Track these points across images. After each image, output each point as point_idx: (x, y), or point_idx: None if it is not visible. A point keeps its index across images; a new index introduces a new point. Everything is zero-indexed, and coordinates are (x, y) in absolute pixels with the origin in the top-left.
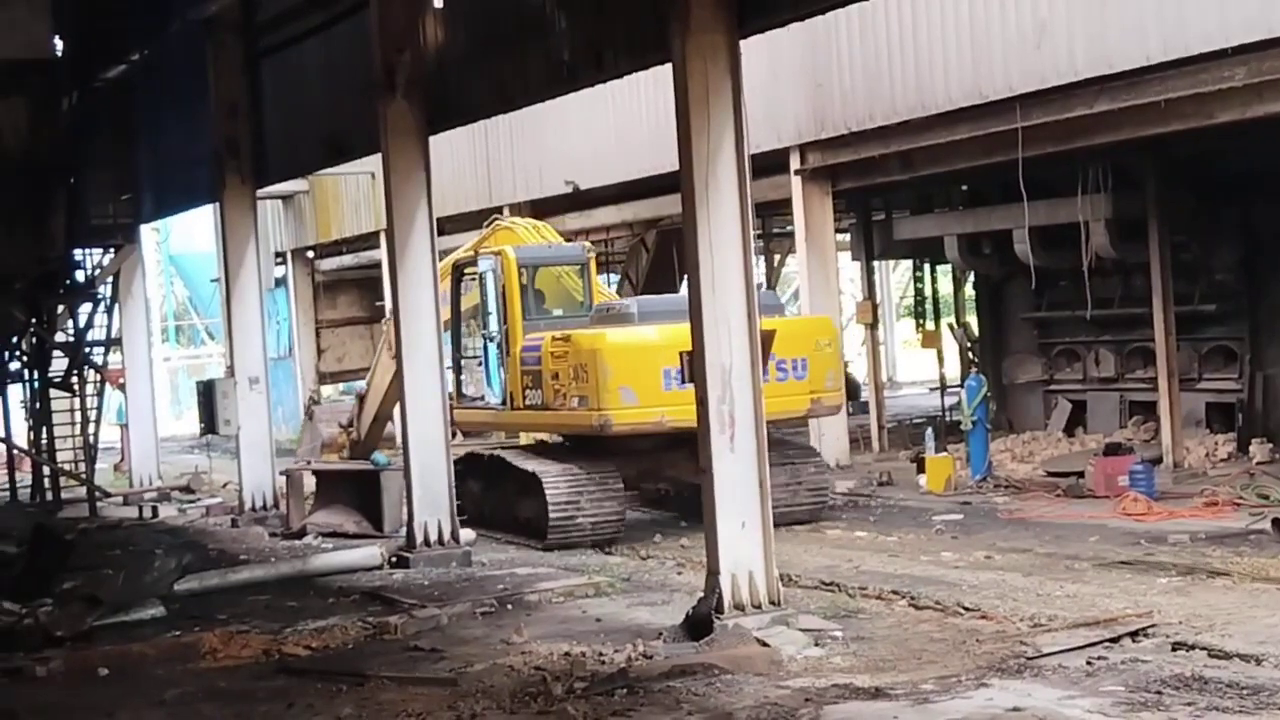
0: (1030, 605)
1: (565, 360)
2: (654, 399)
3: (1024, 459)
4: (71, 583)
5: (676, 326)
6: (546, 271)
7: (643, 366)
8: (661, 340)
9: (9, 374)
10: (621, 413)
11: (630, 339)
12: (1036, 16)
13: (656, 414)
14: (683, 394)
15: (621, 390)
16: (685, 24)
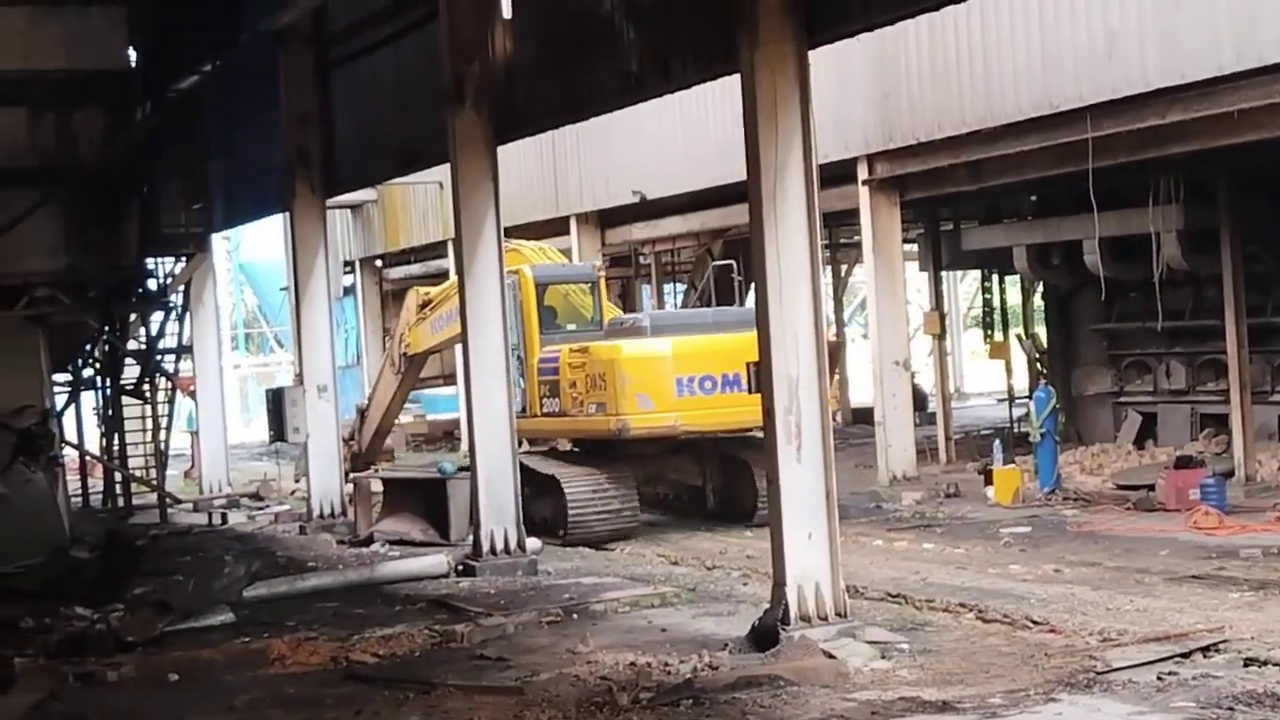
0: (1100, 619)
1: (583, 370)
2: (667, 405)
3: (1093, 471)
4: (143, 589)
5: (686, 338)
6: (557, 289)
7: (657, 375)
8: (673, 351)
9: (83, 381)
10: (638, 418)
11: (645, 350)
12: (1108, 26)
13: (670, 419)
14: (693, 400)
15: (638, 397)
16: (753, 35)
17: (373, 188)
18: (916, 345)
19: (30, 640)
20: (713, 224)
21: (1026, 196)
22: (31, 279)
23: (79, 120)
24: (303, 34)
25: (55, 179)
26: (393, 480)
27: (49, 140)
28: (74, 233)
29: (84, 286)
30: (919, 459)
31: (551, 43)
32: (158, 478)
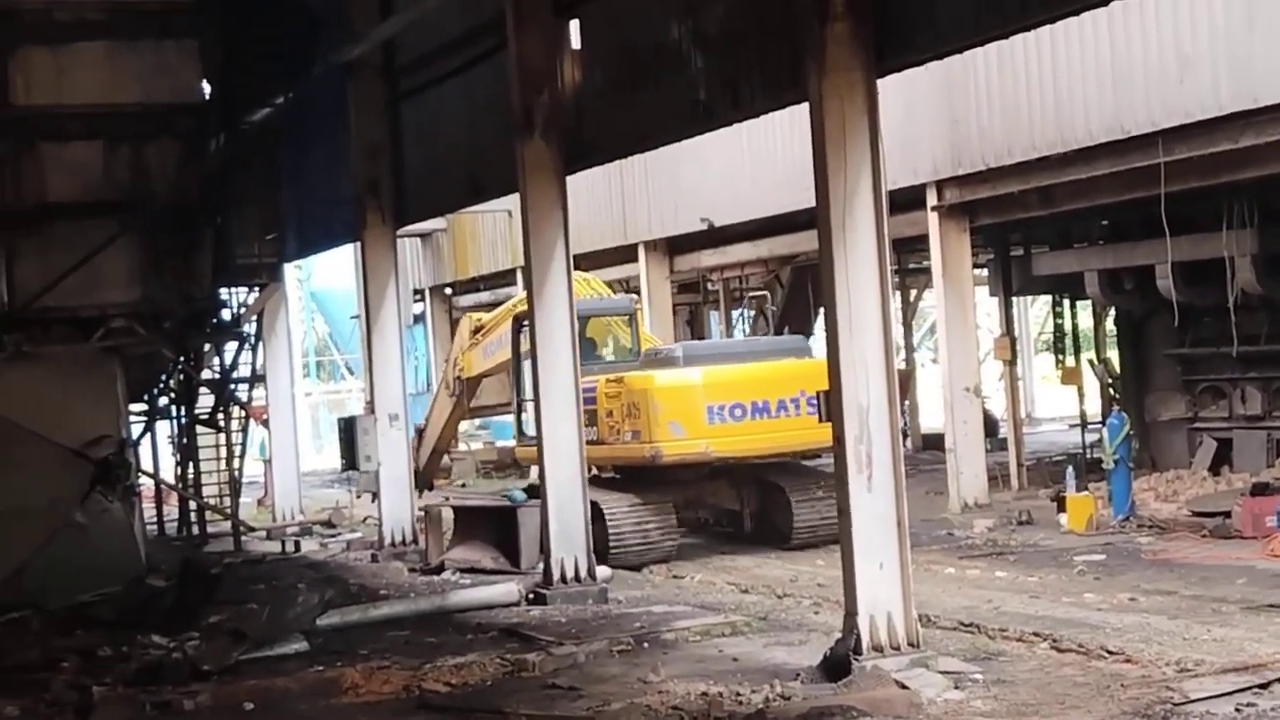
0: (1176, 649)
1: (619, 399)
2: (699, 432)
3: (1168, 498)
4: (218, 617)
5: (717, 368)
6: (597, 321)
7: (688, 404)
8: (704, 380)
9: (158, 410)
10: (671, 444)
11: (677, 380)
12: (1179, 50)
13: (701, 445)
14: (724, 427)
15: (670, 425)
16: (822, 63)
17: (442, 217)
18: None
19: (108, 669)
20: (781, 250)
21: (1098, 221)
22: (108, 310)
23: (154, 153)
24: (373, 65)
25: (130, 211)
26: (463, 508)
27: (124, 173)
28: (149, 264)
29: (159, 317)
30: (990, 486)
31: (620, 72)
32: (231, 506)
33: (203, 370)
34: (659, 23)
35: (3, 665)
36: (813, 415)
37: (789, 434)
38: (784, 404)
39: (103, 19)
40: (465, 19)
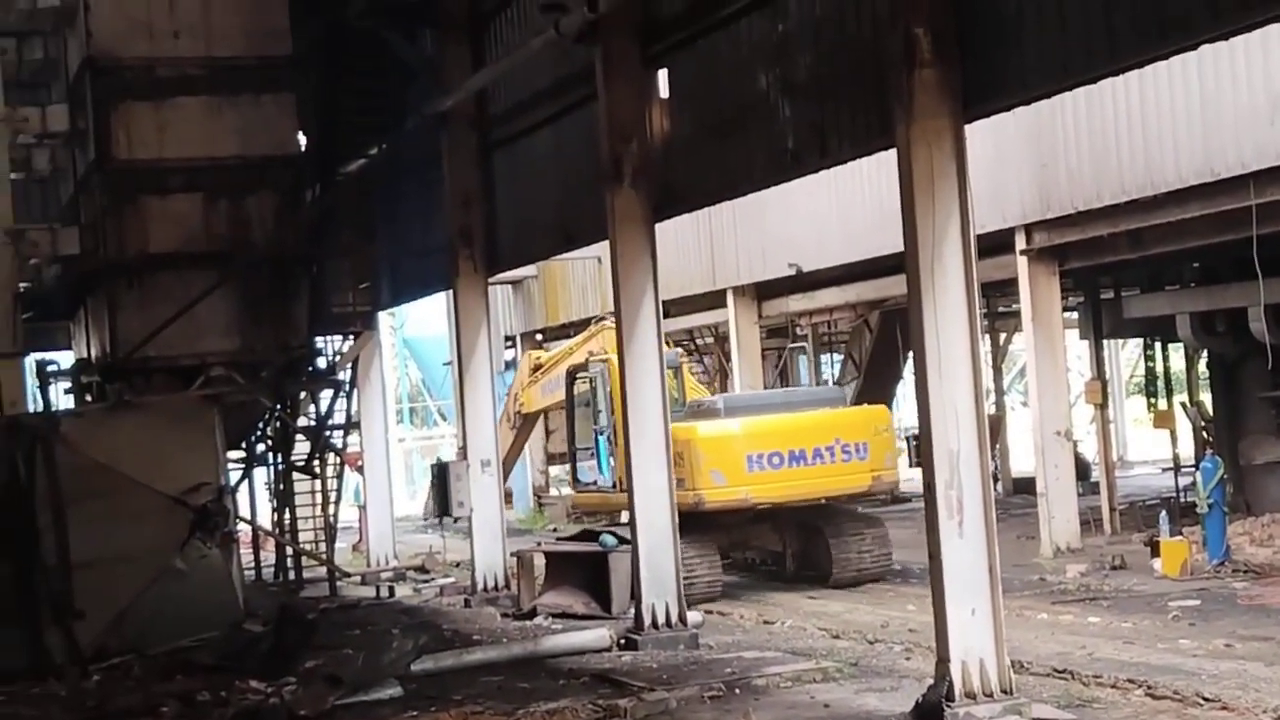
0: (1274, 697)
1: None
2: (739, 480)
3: (1264, 543)
4: (314, 662)
5: (757, 419)
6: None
7: (729, 453)
8: (744, 431)
9: (255, 457)
10: (712, 492)
11: (718, 430)
12: (1269, 91)
13: (741, 493)
14: (763, 475)
15: (712, 473)
16: (909, 110)
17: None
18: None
19: (207, 714)
20: (869, 295)
21: (1189, 263)
22: (207, 359)
23: (252, 205)
24: (466, 116)
25: (229, 262)
26: (554, 553)
27: (223, 224)
28: (247, 314)
29: (257, 366)
30: (1083, 530)
31: (708, 121)
32: (327, 551)
33: (299, 417)
34: (747, 72)
35: (104, 711)
36: (847, 461)
37: (826, 480)
38: (819, 451)
39: (202, 74)
40: (555, 70)
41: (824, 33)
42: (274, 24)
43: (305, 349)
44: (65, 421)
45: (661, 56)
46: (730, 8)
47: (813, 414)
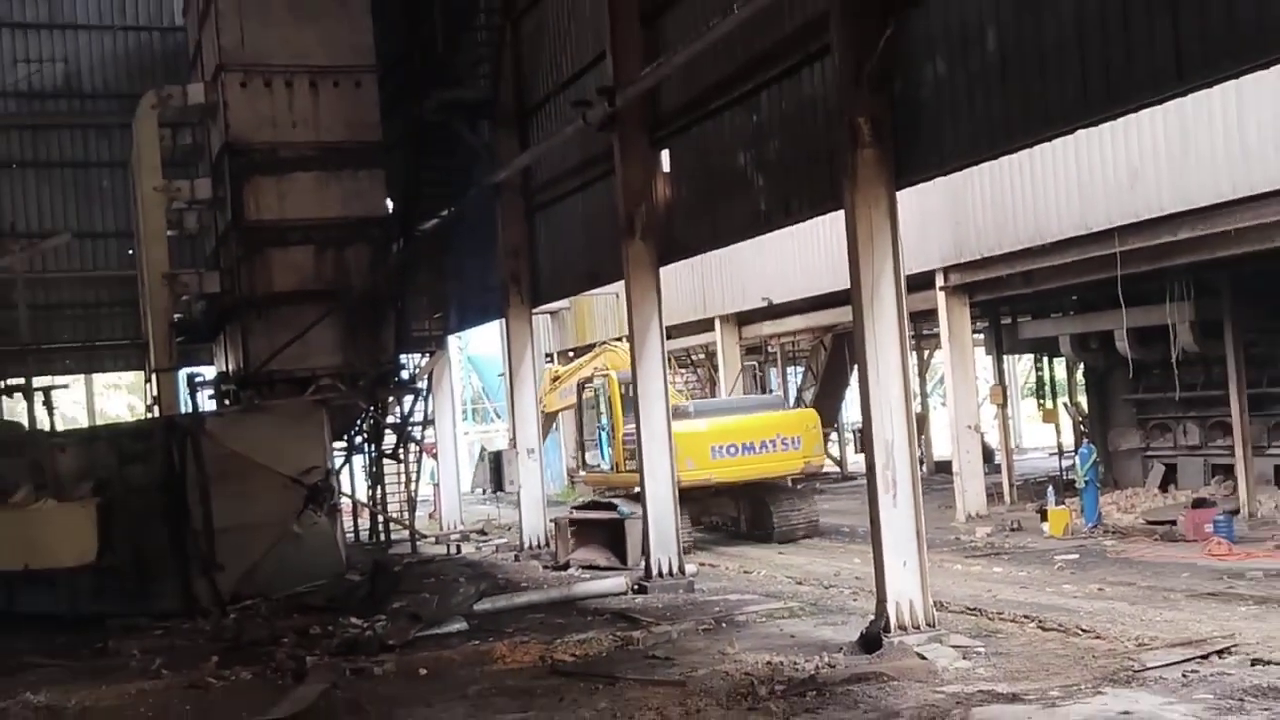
0: (1135, 628)
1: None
2: (705, 465)
3: (1127, 510)
4: (399, 604)
5: (718, 419)
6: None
7: (698, 445)
8: (708, 428)
9: (354, 447)
10: (685, 474)
11: (689, 428)
12: (1130, 164)
13: (707, 474)
14: (723, 461)
15: (686, 460)
16: (854, 181)
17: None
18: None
19: (318, 643)
20: (824, 321)
21: (1069, 296)
22: (318, 372)
23: (351, 254)
24: (514, 186)
25: (334, 298)
26: (583, 520)
27: (329, 270)
28: (347, 337)
29: (355, 377)
30: (988, 501)
31: (700, 190)
32: (409, 518)
33: (387, 416)
34: (729, 153)
35: (239, 641)
36: (785, 450)
37: (769, 464)
38: (765, 443)
39: (314, 155)
40: (583, 150)
41: (789, 123)
42: (368, 117)
43: (392, 364)
44: (209, 420)
45: (664, 140)
46: (716, 103)
47: (760, 415)
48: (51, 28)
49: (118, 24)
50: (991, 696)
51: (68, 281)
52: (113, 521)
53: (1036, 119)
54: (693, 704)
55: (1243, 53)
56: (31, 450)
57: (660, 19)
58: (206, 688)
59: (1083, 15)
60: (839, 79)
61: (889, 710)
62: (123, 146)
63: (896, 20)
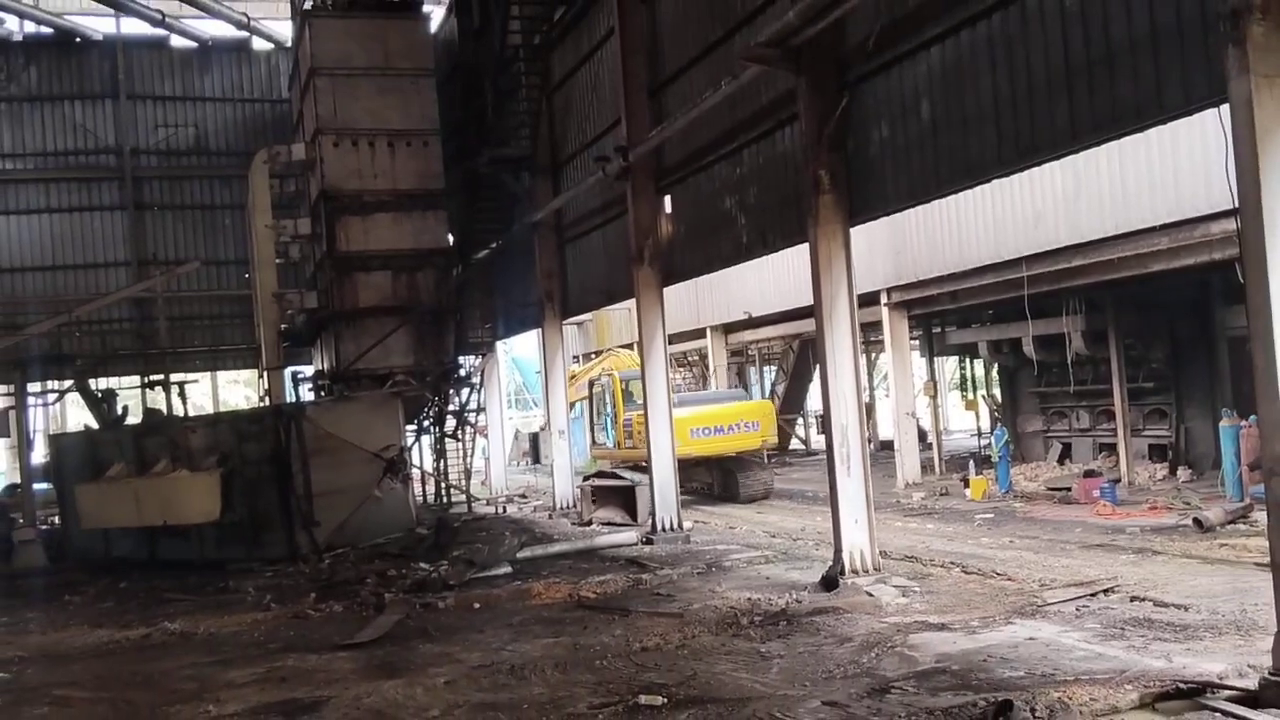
0: (1038, 572)
1: (643, 425)
2: (686, 443)
3: (1032, 479)
4: (458, 552)
5: (696, 408)
6: (635, 382)
7: (681, 428)
8: (689, 415)
9: (422, 429)
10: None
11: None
12: (1035, 207)
13: (688, 450)
14: (700, 440)
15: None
16: (816, 220)
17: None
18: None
19: (393, 583)
20: (793, 330)
21: (986, 310)
22: (394, 370)
23: (420, 278)
24: (549, 224)
25: (406, 312)
26: (601, 486)
27: (403, 290)
28: (418, 342)
29: (424, 374)
30: (922, 472)
31: (694, 226)
32: (465, 485)
33: (448, 405)
34: (718, 197)
35: (332, 581)
36: (747, 432)
37: (735, 442)
38: (732, 426)
39: (391, 199)
40: (603, 196)
41: (765, 174)
42: (434, 170)
43: (452, 363)
44: (309, 407)
45: (667, 187)
46: (708, 159)
47: (728, 405)
48: (186, 100)
49: (237, 97)
50: (925, 626)
51: (198, 299)
52: (232, 487)
53: (960, 171)
54: (689, 631)
55: (1122, 120)
56: (169, 431)
57: (663, 92)
58: (306, 618)
59: (997, 93)
60: (804, 140)
61: (844, 636)
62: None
63: (850, 95)
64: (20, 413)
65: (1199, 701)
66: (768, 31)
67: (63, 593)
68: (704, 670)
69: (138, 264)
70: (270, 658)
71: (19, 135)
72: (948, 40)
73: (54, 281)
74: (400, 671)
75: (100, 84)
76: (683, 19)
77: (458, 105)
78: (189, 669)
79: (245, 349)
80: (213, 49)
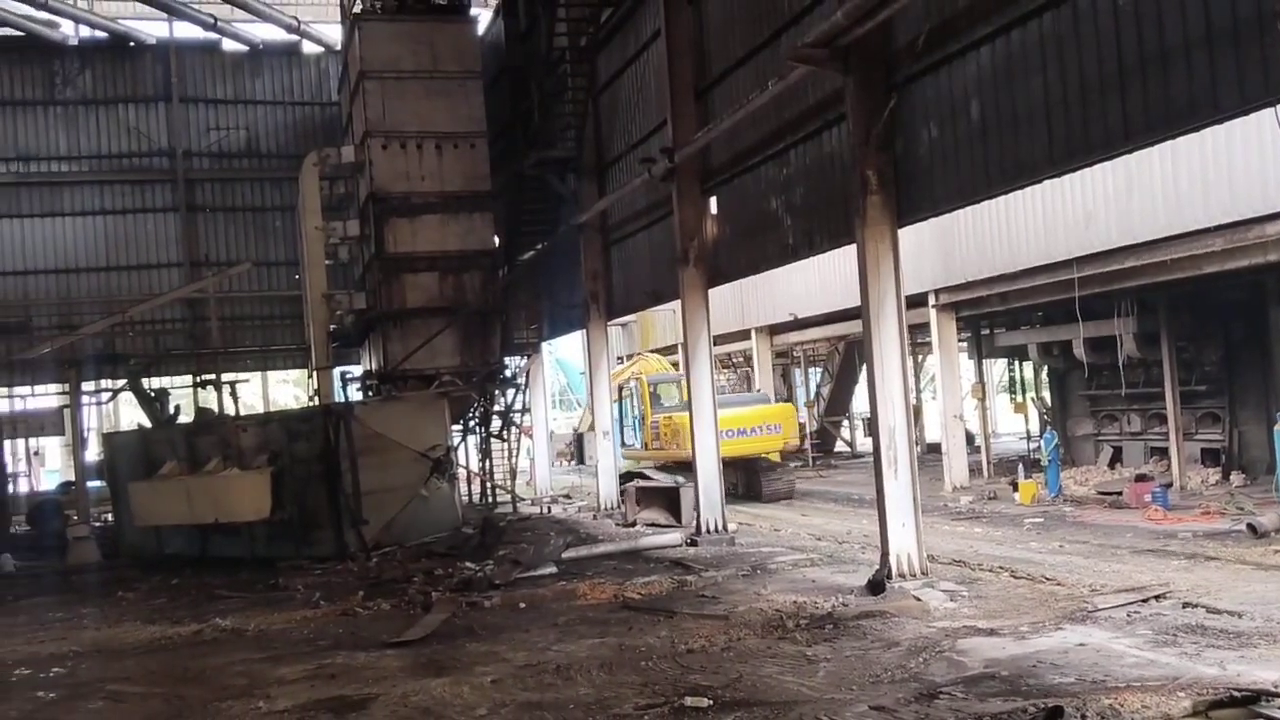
0: (1089, 577)
1: (670, 427)
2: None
3: (1082, 483)
4: (503, 551)
5: (723, 410)
6: (665, 385)
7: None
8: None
9: (468, 429)
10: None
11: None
12: (1086, 208)
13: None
14: (726, 441)
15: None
16: (864, 221)
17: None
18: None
19: (440, 581)
20: (838, 332)
21: (1036, 312)
22: (441, 371)
23: (467, 279)
24: (594, 225)
25: (453, 312)
26: (646, 487)
27: (450, 291)
28: (464, 343)
29: (470, 375)
30: (970, 475)
31: (740, 227)
32: (510, 485)
33: (494, 405)
34: (764, 198)
35: (380, 578)
36: (769, 434)
37: (760, 444)
38: (756, 429)
39: (438, 201)
40: (648, 197)
41: (812, 175)
42: (480, 172)
43: (498, 364)
44: (357, 407)
45: (712, 189)
46: (754, 159)
47: (753, 408)
48: (237, 103)
49: (288, 100)
50: (974, 631)
51: (248, 299)
52: (282, 485)
53: (1010, 172)
54: (735, 633)
55: (1176, 120)
56: (220, 430)
57: (709, 93)
58: (355, 615)
59: (1048, 93)
60: (852, 140)
61: (891, 640)
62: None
63: (898, 95)
64: (75, 411)
65: (1253, 710)
66: (815, 32)
67: (116, 589)
68: (750, 673)
69: (190, 265)
70: (320, 655)
71: (74, 138)
72: (998, 40)
73: (108, 282)
74: (447, 670)
75: (153, 87)
76: (729, 20)
77: (505, 107)
78: (240, 665)
79: (295, 349)
80: (264, 52)
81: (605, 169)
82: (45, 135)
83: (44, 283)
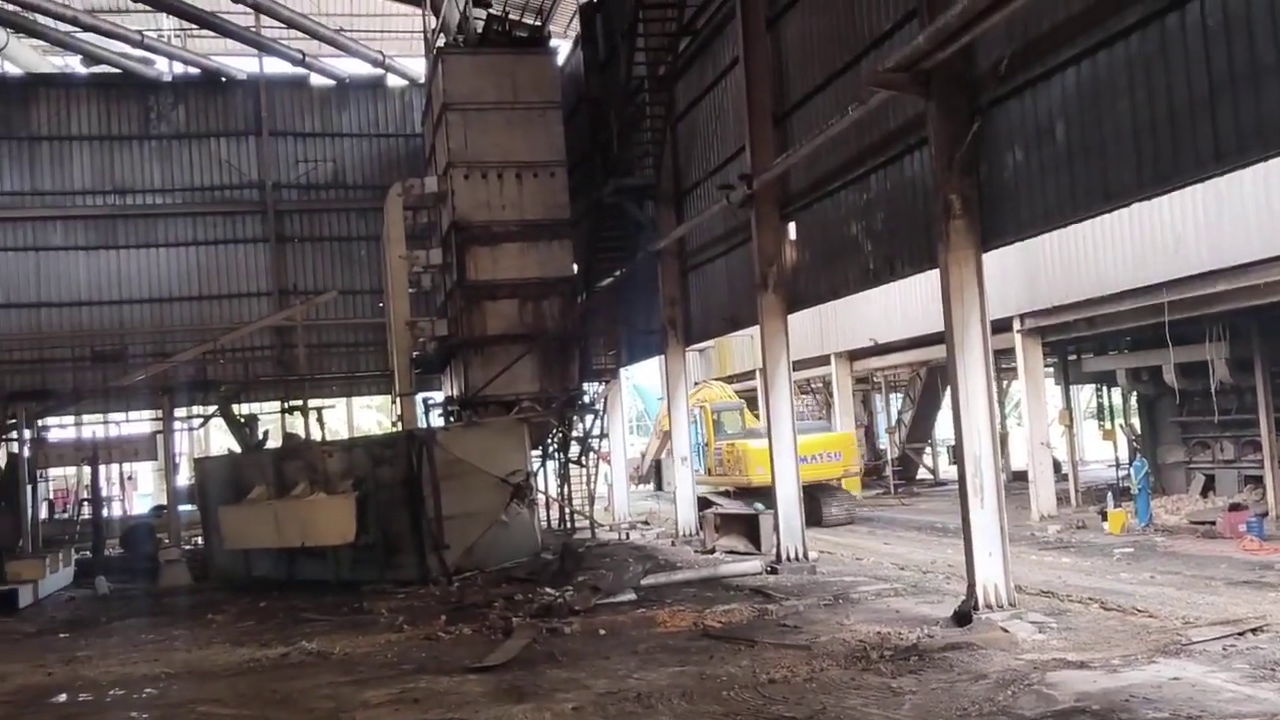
0: (1182, 609)
1: (732, 454)
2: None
3: (1173, 513)
4: (583, 577)
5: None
6: (727, 413)
7: (766, 457)
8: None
9: (547, 454)
10: (757, 477)
11: (761, 444)
12: (1175, 230)
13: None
14: None
15: (757, 468)
16: (948, 246)
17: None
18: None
19: (521, 607)
20: (920, 358)
21: (1124, 337)
22: (520, 396)
23: (547, 305)
24: (672, 252)
25: (533, 339)
26: (725, 514)
27: (530, 317)
28: (544, 369)
29: (549, 400)
30: (1058, 504)
31: (819, 253)
32: (589, 511)
33: (573, 431)
34: (844, 223)
35: (462, 603)
36: (830, 461)
37: (819, 471)
38: (816, 456)
39: (519, 229)
40: (726, 223)
41: (893, 199)
42: (560, 200)
43: (577, 390)
44: (439, 433)
45: (791, 214)
46: (834, 184)
47: (813, 436)
48: (324, 136)
49: (372, 132)
50: (1063, 663)
51: (334, 327)
52: (367, 510)
53: (1098, 196)
54: (817, 664)
55: (1270, 140)
56: (307, 455)
57: (788, 119)
58: (437, 639)
59: (1136, 115)
60: (934, 164)
61: (979, 673)
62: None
63: (981, 118)
64: (167, 437)
65: None
66: (896, 56)
67: (206, 611)
68: (833, 704)
69: (278, 294)
70: (403, 678)
71: (168, 171)
72: (1083, 62)
73: (199, 311)
74: (529, 696)
75: (244, 121)
76: (808, 46)
77: (584, 136)
78: (326, 688)
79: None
80: (350, 86)
81: (683, 196)
82: (141, 169)
83: (139, 312)
